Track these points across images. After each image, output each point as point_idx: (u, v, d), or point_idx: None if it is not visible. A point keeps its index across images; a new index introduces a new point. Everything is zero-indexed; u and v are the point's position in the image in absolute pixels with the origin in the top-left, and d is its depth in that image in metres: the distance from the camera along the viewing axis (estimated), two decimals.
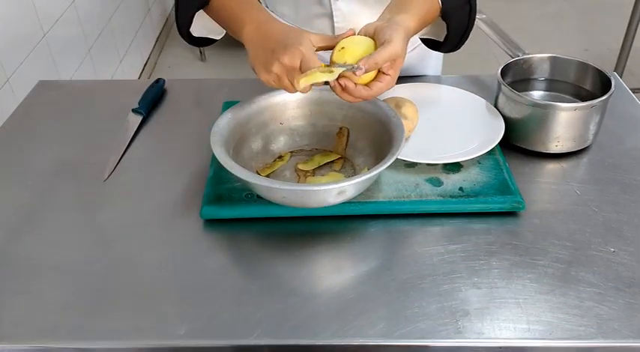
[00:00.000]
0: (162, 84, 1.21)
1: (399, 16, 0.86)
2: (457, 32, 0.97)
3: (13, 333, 0.74)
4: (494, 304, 0.76)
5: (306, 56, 0.80)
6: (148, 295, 0.78)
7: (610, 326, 0.73)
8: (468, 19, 0.97)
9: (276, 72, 0.81)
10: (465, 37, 0.99)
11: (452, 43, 0.99)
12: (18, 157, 1.03)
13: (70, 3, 2.17)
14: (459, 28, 0.97)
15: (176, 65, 3.24)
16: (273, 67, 0.81)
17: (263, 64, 0.83)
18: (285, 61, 0.80)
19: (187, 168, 0.99)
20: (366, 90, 0.82)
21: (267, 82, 0.84)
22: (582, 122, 0.98)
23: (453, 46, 1.00)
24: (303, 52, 0.80)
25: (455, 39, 0.98)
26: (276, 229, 0.88)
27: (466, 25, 0.97)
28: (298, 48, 0.80)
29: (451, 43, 0.99)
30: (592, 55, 3.20)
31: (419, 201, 0.89)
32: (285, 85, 0.83)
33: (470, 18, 0.97)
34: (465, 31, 0.98)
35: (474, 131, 1.01)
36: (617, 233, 0.86)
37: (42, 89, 1.24)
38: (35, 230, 0.88)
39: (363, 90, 0.82)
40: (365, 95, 0.83)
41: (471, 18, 0.97)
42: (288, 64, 0.80)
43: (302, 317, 0.74)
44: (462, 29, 0.97)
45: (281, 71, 0.81)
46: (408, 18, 0.87)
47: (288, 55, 0.80)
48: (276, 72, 0.81)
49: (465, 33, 0.98)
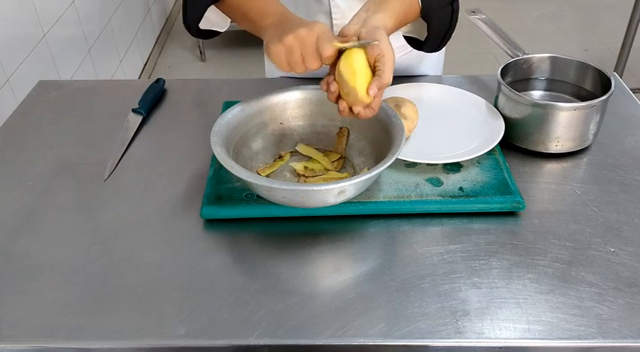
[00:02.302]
0: (162, 84, 1.21)
1: (376, 16, 0.87)
2: (438, 33, 0.97)
3: (13, 333, 0.74)
4: (494, 304, 0.76)
5: (324, 34, 0.82)
6: (148, 295, 0.78)
7: (610, 326, 0.73)
8: (450, 21, 0.97)
9: (290, 43, 0.82)
10: (446, 38, 0.98)
11: (433, 43, 0.99)
12: (18, 157, 1.04)
13: (70, 3, 2.17)
14: (440, 29, 0.97)
15: (176, 65, 3.24)
16: (288, 37, 0.82)
17: (278, 36, 0.83)
18: (302, 33, 0.81)
19: (187, 168, 0.99)
20: (371, 112, 0.84)
21: (277, 53, 0.83)
22: (582, 122, 0.98)
23: (434, 46, 1.00)
24: (323, 30, 0.82)
25: (436, 39, 0.98)
26: (276, 229, 0.88)
27: (448, 27, 0.97)
28: (317, 25, 0.82)
29: (432, 42, 0.99)
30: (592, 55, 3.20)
31: (419, 201, 0.89)
32: (295, 59, 0.83)
33: (452, 19, 0.97)
34: (446, 33, 0.98)
35: (474, 131, 1.01)
36: (617, 233, 0.86)
37: (42, 89, 1.24)
38: (35, 230, 0.88)
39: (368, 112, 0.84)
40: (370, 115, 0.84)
41: (452, 19, 0.97)
42: (305, 36, 0.81)
43: (302, 317, 0.74)
44: (444, 30, 0.97)
45: (295, 43, 0.82)
46: (385, 17, 0.87)
47: (307, 30, 0.81)
48: (289, 43, 0.82)
49: (447, 34, 0.98)
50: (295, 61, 0.83)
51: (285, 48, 0.82)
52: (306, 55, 0.82)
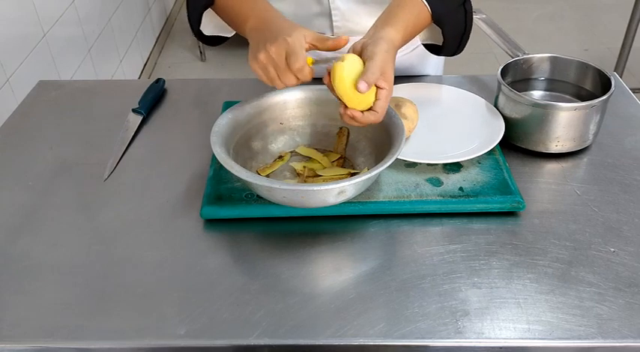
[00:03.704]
0: (163, 84, 1.21)
1: (383, 31, 0.87)
2: (454, 36, 0.98)
3: (13, 333, 0.74)
4: (494, 304, 0.76)
5: (291, 47, 0.81)
6: (148, 295, 0.78)
7: (610, 326, 0.73)
8: (465, 23, 0.97)
9: (263, 60, 0.82)
10: (464, 40, 0.99)
11: (451, 46, 0.99)
12: (18, 157, 1.03)
13: (70, 3, 2.17)
14: (456, 32, 0.97)
15: (176, 65, 3.24)
16: (260, 54, 0.82)
17: (253, 53, 0.84)
18: (271, 50, 0.81)
19: (187, 168, 0.99)
20: (373, 115, 0.83)
21: (255, 70, 0.85)
22: (582, 122, 0.98)
23: (452, 49, 1.01)
24: (290, 43, 0.81)
25: (453, 43, 0.99)
26: (276, 229, 0.88)
27: (463, 29, 0.97)
28: (286, 39, 0.81)
29: (450, 46, 0.99)
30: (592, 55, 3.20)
31: (419, 201, 0.89)
32: (271, 76, 0.83)
33: (466, 21, 0.97)
34: (462, 35, 0.98)
35: (473, 131, 1.01)
36: (617, 233, 0.86)
37: (42, 89, 1.24)
38: (35, 230, 0.88)
39: (370, 115, 0.83)
40: (373, 119, 0.84)
41: (467, 21, 0.97)
42: (274, 53, 0.81)
43: (302, 317, 0.74)
44: (459, 33, 0.98)
45: (267, 60, 0.82)
46: (392, 30, 0.87)
47: (275, 45, 0.81)
48: (262, 60, 0.82)
49: (463, 36, 0.98)
50: (271, 77, 0.84)
51: (260, 66, 0.83)
52: (280, 73, 0.83)
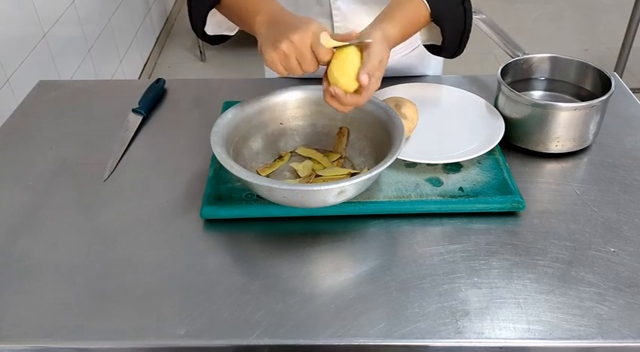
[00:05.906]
0: (163, 84, 1.21)
1: (380, 25, 0.87)
2: (453, 35, 0.97)
3: (13, 333, 0.74)
4: (494, 304, 0.76)
5: (316, 36, 0.81)
6: (148, 295, 0.78)
7: (610, 326, 0.73)
8: (464, 23, 0.97)
9: (285, 50, 0.81)
10: (463, 40, 0.98)
11: (450, 46, 0.99)
12: (18, 157, 1.03)
13: (70, 3, 2.17)
14: (455, 31, 0.97)
15: (176, 65, 3.24)
16: (282, 44, 0.81)
17: (272, 42, 0.82)
18: (295, 38, 0.80)
19: (187, 168, 0.99)
20: (355, 98, 0.83)
21: (273, 61, 0.83)
22: (582, 122, 0.98)
23: (452, 49, 1.00)
24: (315, 32, 0.81)
25: (453, 43, 0.98)
26: (276, 229, 0.88)
27: (463, 28, 0.97)
28: (310, 28, 0.81)
29: (450, 46, 0.99)
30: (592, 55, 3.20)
31: (419, 201, 0.89)
32: (292, 65, 0.83)
33: (466, 20, 0.97)
34: (462, 34, 0.98)
35: (474, 131, 1.01)
36: (617, 233, 0.86)
37: (42, 89, 1.24)
38: (35, 230, 0.88)
39: (352, 97, 0.83)
40: (355, 102, 0.83)
41: (467, 20, 0.97)
42: (298, 42, 0.80)
43: (302, 317, 0.74)
44: (459, 32, 0.97)
45: (290, 49, 0.81)
46: (388, 26, 0.88)
47: (299, 34, 0.80)
48: (284, 50, 0.81)
49: (463, 36, 0.98)
50: (292, 66, 0.83)
51: (280, 55, 0.82)
52: (302, 61, 0.82)
